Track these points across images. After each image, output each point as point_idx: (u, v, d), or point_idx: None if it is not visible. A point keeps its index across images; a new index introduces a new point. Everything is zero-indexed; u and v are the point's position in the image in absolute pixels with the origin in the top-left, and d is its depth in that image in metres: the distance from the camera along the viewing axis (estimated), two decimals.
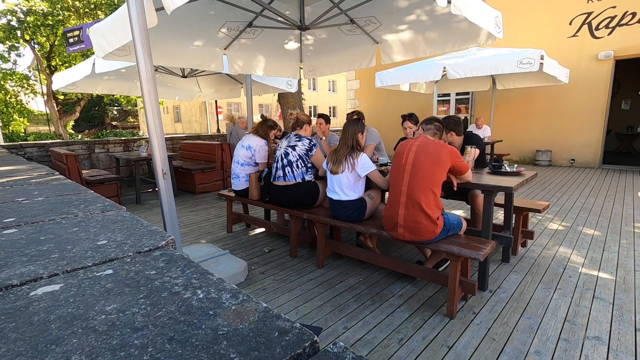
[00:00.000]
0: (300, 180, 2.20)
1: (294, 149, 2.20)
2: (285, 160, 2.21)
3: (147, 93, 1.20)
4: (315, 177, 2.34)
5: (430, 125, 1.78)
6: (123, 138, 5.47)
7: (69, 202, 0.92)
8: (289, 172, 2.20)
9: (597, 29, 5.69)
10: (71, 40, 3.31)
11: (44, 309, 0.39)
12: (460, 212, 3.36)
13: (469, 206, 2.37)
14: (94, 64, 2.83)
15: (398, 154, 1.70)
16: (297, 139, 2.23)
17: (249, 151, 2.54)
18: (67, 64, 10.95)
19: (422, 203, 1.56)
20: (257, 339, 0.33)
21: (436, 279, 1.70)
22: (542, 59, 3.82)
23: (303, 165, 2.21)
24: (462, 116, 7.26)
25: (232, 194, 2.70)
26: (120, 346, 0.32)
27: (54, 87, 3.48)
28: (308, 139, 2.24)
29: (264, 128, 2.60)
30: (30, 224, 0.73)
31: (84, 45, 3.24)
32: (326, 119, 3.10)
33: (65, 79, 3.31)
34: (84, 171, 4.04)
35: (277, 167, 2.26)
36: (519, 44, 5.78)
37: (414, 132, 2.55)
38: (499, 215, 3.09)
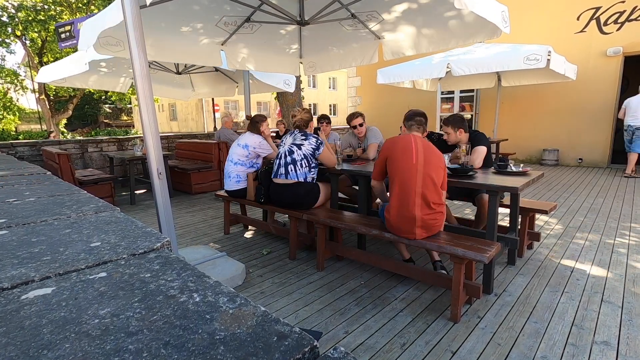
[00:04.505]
0: (302, 180, 2.18)
1: (300, 148, 2.17)
2: (289, 158, 2.18)
3: (141, 90, 1.17)
4: (318, 176, 2.31)
5: (412, 121, 1.74)
6: (117, 137, 5.42)
7: (61, 203, 0.90)
8: (291, 170, 2.17)
9: (605, 24, 5.56)
10: (63, 35, 3.27)
11: (36, 312, 0.38)
12: (467, 211, 3.31)
13: (474, 207, 2.33)
14: (84, 56, 2.78)
15: (405, 151, 1.62)
16: (303, 137, 2.20)
17: (246, 150, 2.51)
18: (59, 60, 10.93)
19: (435, 201, 1.60)
20: (255, 344, 0.32)
21: (440, 281, 1.66)
22: (549, 54, 3.74)
23: (307, 164, 2.17)
24: (467, 114, 7.17)
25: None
26: (114, 351, 0.31)
27: (38, 80, 3.37)
28: (314, 137, 2.21)
29: (254, 125, 2.58)
30: (22, 225, 0.72)
31: (75, 41, 3.20)
32: (328, 120, 3.09)
33: (54, 73, 3.19)
34: (76, 171, 4.01)
35: (279, 164, 2.23)
36: (525, 40, 5.67)
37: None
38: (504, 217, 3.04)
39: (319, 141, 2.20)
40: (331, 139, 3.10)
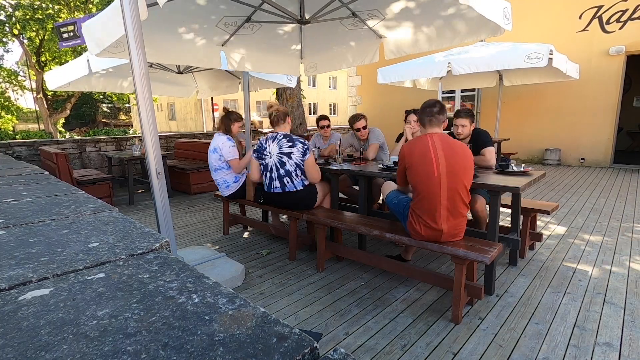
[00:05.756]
0: (300, 188, 2.14)
1: (290, 157, 2.05)
2: (282, 171, 2.07)
3: (140, 90, 1.17)
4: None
5: (424, 114, 1.53)
6: (115, 136, 5.40)
7: (59, 203, 0.90)
8: (288, 182, 2.10)
9: (607, 23, 5.53)
10: (65, 35, 3.25)
11: (33, 314, 0.38)
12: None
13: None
14: (88, 60, 2.78)
15: (424, 161, 1.48)
16: (290, 144, 2.06)
17: (216, 153, 2.37)
18: (57, 60, 10.76)
19: (462, 209, 1.53)
20: (254, 345, 0.32)
21: (441, 282, 1.65)
22: (550, 53, 3.72)
23: (301, 172, 2.11)
24: None
25: None
26: (112, 353, 0.31)
27: (50, 88, 3.38)
28: (301, 142, 2.08)
29: (226, 122, 2.40)
30: (19, 225, 0.72)
31: (79, 41, 3.18)
32: (328, 121, 3.04)
33: (59, 78, 3.21)
34: (74, 171, 4.00)
35: (271, 177, 2.12)
36: (526, 39, 5.64)
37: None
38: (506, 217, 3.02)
39: (306, 146, 2.08)
40: (333, 139, 3.08)
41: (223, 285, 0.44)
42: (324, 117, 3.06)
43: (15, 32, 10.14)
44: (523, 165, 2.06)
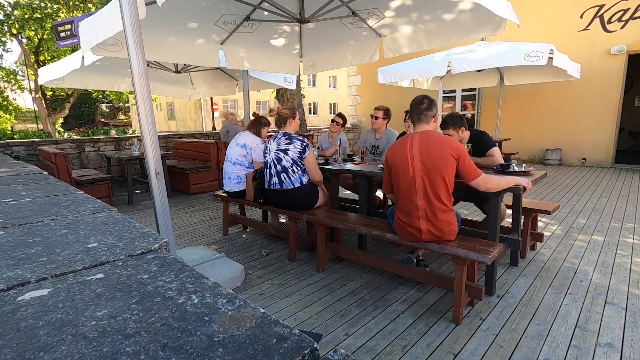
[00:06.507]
0: (298, 185, 2.13)
1: (287, 153, 2.08)
2: (279, 167, 2.11)
3: (139, 89, 1.16)
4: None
5: (412, 112, 1.52)
6: (114, 136, 5.40)
7: (57, 203, 0.89)
8: (285, 178, 2.11)
9: (609, 22, 5.52)
10: (62, 34, 3.26)
11: (32, 314, 0.38)
12: (466, 212, 3.29)
13: (476, 207, 2.31)
14: (82, 57, 2.77)
15: (402, 162, 1.51)
16: (288, 142, 2.09)
17: (244, 149, 2.47)
18: (56, 59, 10.79)
19: (442, 208, 1.52)
20: (254, 346, 0.32)
21: (441, 283, 1.65)
22: (551, 52, 3.70)
23: (299, 168, 2.11)
24: (468, 113, 7.13)
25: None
26: (111, 354, 0.31)
27: (39, 82, 3.37)
28: (299, 139, 2.10)
29: (257, 126, 2.55)
30: (18, 226, 0.73)
31: (76, 40, 3.19)
32: (339, 120, 3.07)
33: (52, 73, 3.17)
34: (73, 171, 3.98)
35: (270, 173, 2.16)
36: (527, 38, 5.63)
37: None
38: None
39: (305, 144, 2.10)
40: (335, 140, 3.09)
41: (222, 286, 0.44)
42: (339, 115, 3.13)
43: (14, 31, 10.16)
44: (524, 165, 2.05)
